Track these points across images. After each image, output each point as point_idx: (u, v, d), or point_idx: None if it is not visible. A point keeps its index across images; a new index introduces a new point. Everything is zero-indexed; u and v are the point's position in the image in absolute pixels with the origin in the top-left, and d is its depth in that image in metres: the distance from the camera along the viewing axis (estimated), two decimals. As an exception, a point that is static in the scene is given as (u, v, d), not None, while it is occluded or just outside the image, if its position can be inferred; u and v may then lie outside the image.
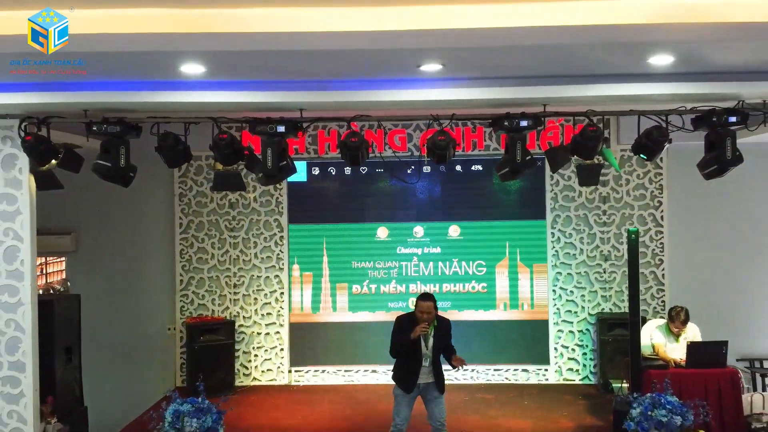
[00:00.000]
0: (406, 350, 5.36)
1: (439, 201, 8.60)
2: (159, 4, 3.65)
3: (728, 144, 4.85)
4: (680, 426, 4.82)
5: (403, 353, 5.40)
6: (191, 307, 8.44)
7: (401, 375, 5.46)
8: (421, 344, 5.36)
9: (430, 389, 5.47)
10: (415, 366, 5.36)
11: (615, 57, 4.22)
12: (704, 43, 3.95)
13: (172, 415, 4.91)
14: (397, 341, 5.42)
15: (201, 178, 8.40)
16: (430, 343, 5.40)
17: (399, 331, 5.41)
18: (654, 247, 8.27)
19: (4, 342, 5.22)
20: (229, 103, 4.89)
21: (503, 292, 8.47)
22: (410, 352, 5.36)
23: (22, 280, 5.25)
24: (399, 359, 5.49)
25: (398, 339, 5.39)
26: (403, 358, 5.44)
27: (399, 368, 5.49)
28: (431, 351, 5.40)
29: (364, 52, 4.02)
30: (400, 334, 5.38)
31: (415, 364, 5.36)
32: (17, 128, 5.16)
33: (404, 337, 5.30)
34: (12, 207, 5.24)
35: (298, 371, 8.48)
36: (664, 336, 6.33)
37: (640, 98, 4.84)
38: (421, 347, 5.37)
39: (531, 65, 4.48)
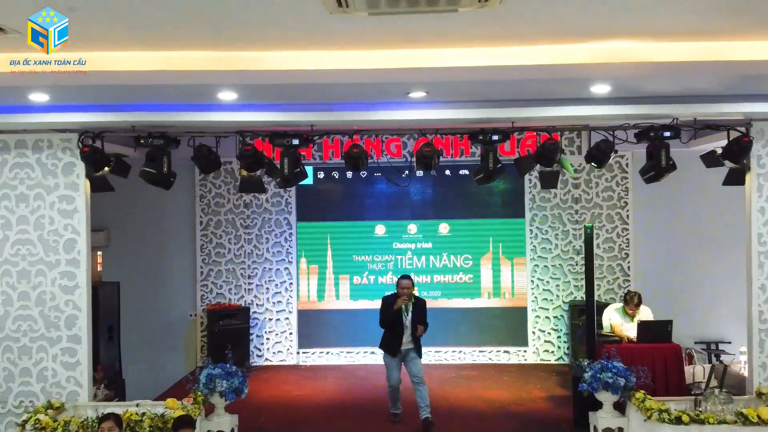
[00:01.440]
0: (391, 320, 6.53)
1: (431, 201, 9.63)
2: (205, 48, 4.67)
3: (663, 155, 5.88)
4: (624, 386, 5.83)
5: (389, 323, 6.55)
6: (210, 296, 9.49)
7: (387, 342, 6.64)
8: (402, 317, 6.51)
9: (410, 353, 6.64)
10: (397, 334, 6.54)
11: (563, 87, 5.25)
12: (630, 77, 4.98)
13: (205, 377, 5.93)
14: (384, 314, 6.60)
15: (219, 181, 9.43)
16: (409, 317, 6.56)
17: (385, 307, 6.64)
18: (620, 243, 9.31)
19: (63, 318, 6.25)
20: (254, 121, 5.94)
21: (487, 283, 9.51)
22: (394, 323, 6.53)
23: (79, 267, 6.28)
24: (386, 330, 6.64)
25: (385, 312, 6.58)
26: (389, 328, 6.58)
27: (385, 337, 6.66)
28: (410, 323, 6.56)
29: (364, 84, 5.04)
30: (385, 309, 6.60)
31: (397, 333, 6.54)
32: (76, 141, 6.20)
33: (389, 310, 6.49)
34: (71, 206, 6.27)
35: (305, 352, 9.52)
36: (621, 317, 7.36)
37: (588, 118, 5.89)
38: (402, 320, 6.50)
39: (499, 93, 5.51)
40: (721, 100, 5.78)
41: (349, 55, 4.78)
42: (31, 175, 6.26)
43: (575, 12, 3.93)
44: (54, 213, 6.26)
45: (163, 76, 4.85)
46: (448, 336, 9.38)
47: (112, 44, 4.55)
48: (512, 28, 4.21)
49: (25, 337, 6.25)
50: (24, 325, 6.25)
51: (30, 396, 6.23)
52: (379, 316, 6.70)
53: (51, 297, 6.25)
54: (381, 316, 6.65)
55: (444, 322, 9.27)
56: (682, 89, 5.45)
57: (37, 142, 6.26)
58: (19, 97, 5.43)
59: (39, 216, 6.26)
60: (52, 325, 6.25)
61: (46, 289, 6.25)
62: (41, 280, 6.25)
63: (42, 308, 6.25)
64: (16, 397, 6.24)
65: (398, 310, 6.49)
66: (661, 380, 6.72)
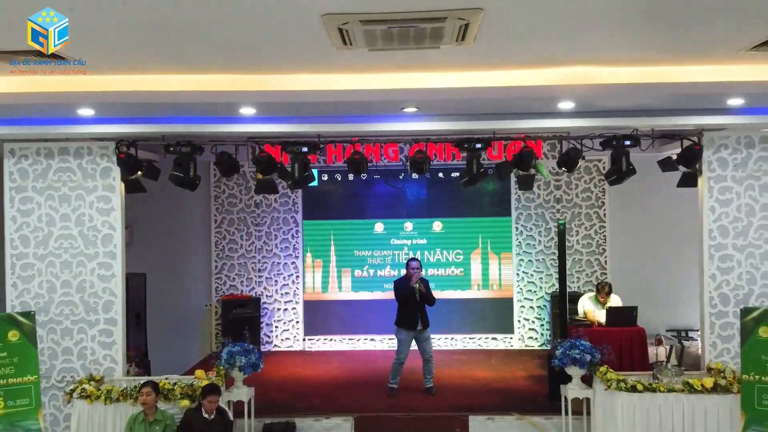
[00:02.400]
0: (408, 296, 7.53)
1: (425, 201, 10.53)
2: (231, 72, 5.54)
3: (624, 161, 6.77)
4: (589, 361, 6.71)
5: (405, 298, 7.58)
6: (224, 288, 10.39)
7: (404, 318, 7.62)
8: (415, 295, 7.47)
9: (423, 333, 7.63)
10: (413, 309, 7.54)
11: (534, 103, 6.12)
12: (589, 96, 5.86)
13: (227, 354, 6.80)
14: (400, 291, 7.62)
15: (232, 183, 10.32)
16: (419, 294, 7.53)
17: (401, 287, 7.66)
18: (598, 239, 10.21)
19: (101, 304, 7.12)
20: (269, 132, 6.83)
21: (477, 276, 10.41)
22: (410, 299, 7.53)
23: (115, 258, 7.16)
24: (402, 309, 7.62)
25: (401, 290, 7.60)
26: (405, 304, 7.59)
27: (402, 314, 7.65)
28: (420, 299, 7.54)
29: (364, 101, 5.92)
30: (401, 287, 7.62)
31: (413, 307, 7.54)
32: (113, 148, 7.08)
33: (406, 287, 7.54)
34: (108, 205, 7.14)
35: (310, 339, 10.42)
36: (593, 304, 8.25)
37: (558, 129, 6.78)
38: (416, 297, 7.48)
39: (479, 108, 6.38)
40: (675, 113, 6.65)
41: (352, 78, 5.65)
42: (72, 178, 7.15)
43: (536, 46, 4.81)
44: (93, 211, 7.15)
45: (195, 95, 5.71)
46: (441, 324, 10.24)
47: (154, 69, 5.43)
48: (485, 58, 5.09)
49: (67, 320, 7.14)
50: (66, 310, 7.13)
51: (71, 372, 7.11)
52: (395, 294, 7.74)
53: (90, 285, 7.14)
54: (397, 294, 7.69)
55: (437, 311, 10.06)
56: (635, 105, 6.33)
57: (78, 149, 7.14)
58: (69, 111, 6.31)
59: (80, 214, 7.14)
60: (91, 310, 7.14)
61: (86, 278, 7.14)
62: (81, 270, 7.14)
63: (82, 295, 7.13)
64: (58, 372, 7.11)
65: (414, 284, 7.50)
66: (627, 359, 7.60)
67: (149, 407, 5.91)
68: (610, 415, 6.43)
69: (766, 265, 6.95)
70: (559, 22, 4.21)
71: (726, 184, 6.98)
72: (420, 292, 7.58)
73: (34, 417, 6.34)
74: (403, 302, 7.63)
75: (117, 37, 4.40)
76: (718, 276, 6.99)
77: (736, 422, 6.16)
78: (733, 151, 6.98)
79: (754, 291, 6.95)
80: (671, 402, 6.29)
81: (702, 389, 6.25)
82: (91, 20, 4.03)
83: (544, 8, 3.93)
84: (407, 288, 7.58)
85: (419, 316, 7.62)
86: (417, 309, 7.59)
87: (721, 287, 6.98)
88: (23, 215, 7.14)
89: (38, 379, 6.44)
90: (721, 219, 6.99)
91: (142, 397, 5.89)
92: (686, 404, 6.27)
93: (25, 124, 6.75)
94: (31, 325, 6.47)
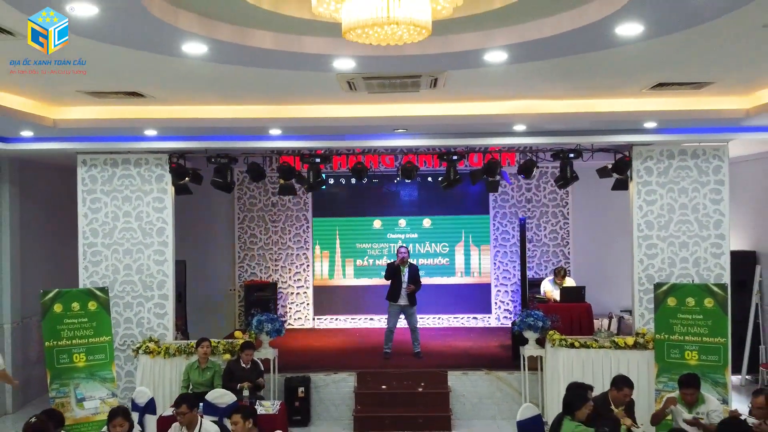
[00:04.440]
0: (393, 273, 9.36)
1: (417, 201, 12.36)
2: (263, 104, 7.37)
3: (568, 169, 8.62)
4: (541, 327, 8.53)
5: (392, 275, 9.38)
6: (245, 275, 12.23)
7: (391, 292, 9.42)
8: (401, 273, 9.31)
9: (407, 308, 9.40)
10: (398, 285, 9.34)
11: (494, 126, 7.97)
12: (535, 122, 7.69)
13: (256, 321, 8.63)
14: (389, 270, 9.46)
15: (252, 186, 12.15)
16: (406, 274, 9.34)
17: (390, 266, 9.53)
18: (563, 233, 12.05)
19: (156, 283, 8.95)
20: (291, 146, 8.69)
21: (460, 264, 12.23)
22: (396, 277, 9.33)
23: (167, 246, 8.98)
24: (391, 285, 9.42)
25: (390, 269, 9.45)
26: (392, 279, 9.38)
27: (391, 289, 9.44)
28: (406, 279, 9.35)
29: (364, 126, 7.76)
30: (390, 267, 9.49)
31: (398, 284, 9.34)
32: (166, 159, 8.92)
33: (393, 268, 9.35)
34: (161, 205, 8.97)
35: (319, 319, 12.26)
36: (552, 285, 10.09)
37: (518, 144, 8.65)
38: (401, 275, 9.31)
39: (454, 129, 8.19)
40: (609, 133, 8.47)
41: (355, 108, 7.49)
42: (133, 183, 8.98)
43: (489, 89, 6.65)
44: (149, 209, 8.98)
45: (236, 121, 7.56)
46: (429, 306, 12.08)
47: (208, 103, 7.29)
48: (453, 96, 6.93)
49: (128, 296, 8.96)
50: (127, 288, 8.96)
51: (131, 337, 8.94)
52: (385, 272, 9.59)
53: (147, 268, 8.97)
54: (386, 271, 9.56)
55: (426, 295, 11.95)
56: (575, 127, 8.17)
57: (138, 159, 8.98)
58: (135, 131, 8.15)
59: (139, 211, 8.98)
60: (148, 288, 8.97)
61: (143, 262, 8.97)
62: (140, 255, 8.97)
63: (140, 275, 8.96)
64: (121, 338, 8.94)
65: (398, 266, 9.33)
66: (576, 328, 9.43)
67: (204, 358, 7.75)
68: (556, 368, 8.26)
69: (683, 252, 8.77)
70: (503, 77, 6.04)
71: (651, 188, 8.80)
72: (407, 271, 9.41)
73: (109, 369, 8.17)
74: (390, 278, 9.44)
75: (185, 81, 6.18)
76: (645, 260, 8.81)
77: (651, 371, 7.99)
78: (657, 161, 8.80)
79: (674, 272, 8.77)
80: (602, 356, 8.13)
81: (625, 346, 8.10)
82: (166, 70, 5.76)
83: (486, 72, 5.76)
84: (394, 267, 9.43)
85: (403, 292, 9.38)
86: (401, 285, 9.36)
87: (648, 269, 8.80)
88: (93, 212, 8.97)
89: (111, 339, 8.28)
90: (648, 215, 8.81)
91: (202, 349, 7.73)
92: (613, 358, 8.12)
93: (96, 140, 8.58)
94: (105, 297, 8.31)
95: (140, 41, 4.59)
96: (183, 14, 4.23)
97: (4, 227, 9.40)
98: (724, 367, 7.60)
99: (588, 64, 5.60)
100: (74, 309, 8.08)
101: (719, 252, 8.73)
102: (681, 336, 7.77)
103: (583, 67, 5.77)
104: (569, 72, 5.97)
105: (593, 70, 5.89)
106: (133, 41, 4.58)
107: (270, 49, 4.66)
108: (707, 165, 8.75)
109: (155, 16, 3.95)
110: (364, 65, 5.41)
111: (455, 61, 5.14)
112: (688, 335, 7.75)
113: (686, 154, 8.76)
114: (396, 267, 9.41)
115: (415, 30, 3.20)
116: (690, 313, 7.76)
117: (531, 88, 6.64)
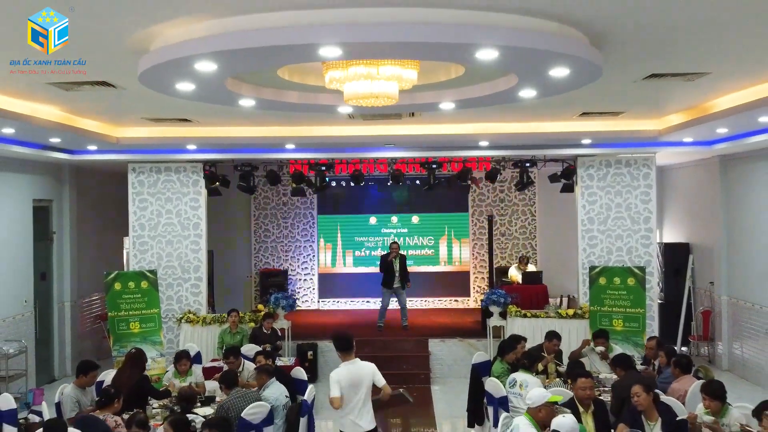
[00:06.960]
0: (387, 265, 11.34)
1: (406, 201, 14.43)
2: (280, 125, 9.45)
3: (525, 176, 10.73)
4: (503, 302, 10.59)
5: (385, 267, 11.38)
6: (260, 263, 14.34)
7: (385, 280, 11.45)
8: (393, 265, 11.33)
9: (399, 290, 11.47)
10: (391, 275, 11.35)
11: (463, 142, 10.05)
12: (495, 139, 9.78)
13: (274, 299, 10.72)
14: (383, 263, 11.43)
15: (266, 188, 14.24)
16: (397, 266, 11.37)
17: (383, 260, 11.53)
18: (530, 228, 14.16)
19: (192, 267, 11.03)
20: (302, 157, 10.81)
21: (444, 255, 14.33)
22: (389, 268, 11.33)
23: (201, 238, 11.06)
24: (384, 274, 11.45)
25: (384, 262, 11.41)
26: (386, 271, 11.38)
27: (384, 278, 11.46)
28: (398, 269, 11.36)
29: (360, 142, 9.85)
30: (384, 260, 11.46)
31: (392, 274, 11.35)
32: (201, 167, 11.01)
33: (387, 260, 11.32)
34: (196, 204, 11.05)
35: (323, 301, 14.37)
36: (516, 270, 12.20)
37: (484, 155, 10.78)
38: (393, 266, 11.33)
39: (433, 143, 10.30)
40: (557, 146, 10.57)
41: (354, 128, 9.57)
42: (174, 187, 11.08)
43: (457, 117, 8.74)
44: (187, 208, 11.08)
45: (257, 138, 9.66)
46: (417, 291, 14.14)
47: (237, 124, 9.39)
48: (427, 120, 9.03)
49: (169, 278, 11.05)
50: (169, 271, 11.05)
51: (172, 311, 11.04)
52: (379, 265, 11.58)
53: (185, 255, 11.06)
54: (380, 265, 11.56)
55: (414, 281, 14.06)
56: (530, 142, 10.25)
57: (177, 167, 11.07)
58: (179, 146, 10.24)
59: (178, 209, 11.07)
60: (185, 271, 11.07)
61: (182, 251, 11.06)
62: (179, 245, 11.06)
63: (180, 261, 11.06)
64: (163, 312, 11.01)
65: (391, 259, 11.33)
66: (534, 304, 11.51)
67: (234, 324, 9.85)
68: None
69: (618, 242, 10.86)
70: (464, 111, 8.12)
71: (592, 191, 10.89)
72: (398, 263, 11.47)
73: (158, 335, 10.27)
74: (384, 270, 11.52)
75: (225, 112, 8.27)
76: (588, 249, 10.91)
77: (587, 335, 10.07)
78: (597, 169, 10.89)
79: (611, 259, 10.85)
80: (549, 324, 10.20)
81: (566, 316, 10.22)
82: (217, 106, 7.87)
83: (453, 112, 7.84)
84: (386, 260, 11.47)
85: (396, 279, 11.45)
86: (394, 274, 11.44)
87: (590, 257, 10.90)
88: (140, 210, 11.06)
89: (159, 311, 10.37)
90: (590, 213, 10.90)
91: (232, 318, 9.83)
92: (557, 326, 10.18)
93: (144, 152, 10.65)
94: (154, 278, 10.41)
95: (216, 100, 6.66)
96: (245, 86, 6.32)
97: (65, 223, 11.49)
98: (642, 332, 9.68)
99: (525, 102, 7.71)
100: (130, 287, 10.18)
101: (648, 243, 10.82)
102: (609, 308, 9.87)
103: (523, 104, 7.86)
104: (514, 107, 8.07)
105: (532, 105, 7.98)
106: (211, 100, 6.64)
107: (295, 102, 6.75)
108: (638, 172, 10.84)
109: (229, 90, 6.03)
110: (358, 110, 7.52)
111: (419, 108, 7.25)
112: (615, 307, 9.85)
113: (621, 164, 10.86)
114: (389, 261, 11.43)
115: (389, 99, 5.29)
116: (616, 290, 9.86)
117: (487, 116, 8.74)
